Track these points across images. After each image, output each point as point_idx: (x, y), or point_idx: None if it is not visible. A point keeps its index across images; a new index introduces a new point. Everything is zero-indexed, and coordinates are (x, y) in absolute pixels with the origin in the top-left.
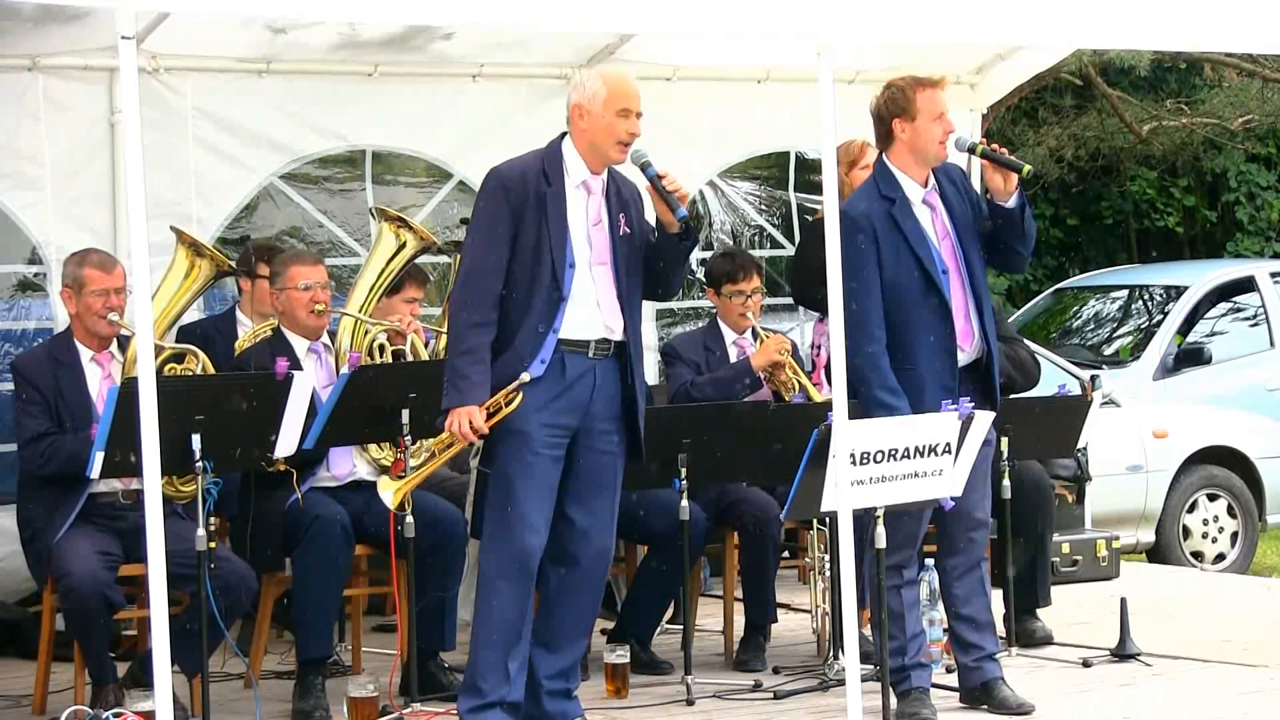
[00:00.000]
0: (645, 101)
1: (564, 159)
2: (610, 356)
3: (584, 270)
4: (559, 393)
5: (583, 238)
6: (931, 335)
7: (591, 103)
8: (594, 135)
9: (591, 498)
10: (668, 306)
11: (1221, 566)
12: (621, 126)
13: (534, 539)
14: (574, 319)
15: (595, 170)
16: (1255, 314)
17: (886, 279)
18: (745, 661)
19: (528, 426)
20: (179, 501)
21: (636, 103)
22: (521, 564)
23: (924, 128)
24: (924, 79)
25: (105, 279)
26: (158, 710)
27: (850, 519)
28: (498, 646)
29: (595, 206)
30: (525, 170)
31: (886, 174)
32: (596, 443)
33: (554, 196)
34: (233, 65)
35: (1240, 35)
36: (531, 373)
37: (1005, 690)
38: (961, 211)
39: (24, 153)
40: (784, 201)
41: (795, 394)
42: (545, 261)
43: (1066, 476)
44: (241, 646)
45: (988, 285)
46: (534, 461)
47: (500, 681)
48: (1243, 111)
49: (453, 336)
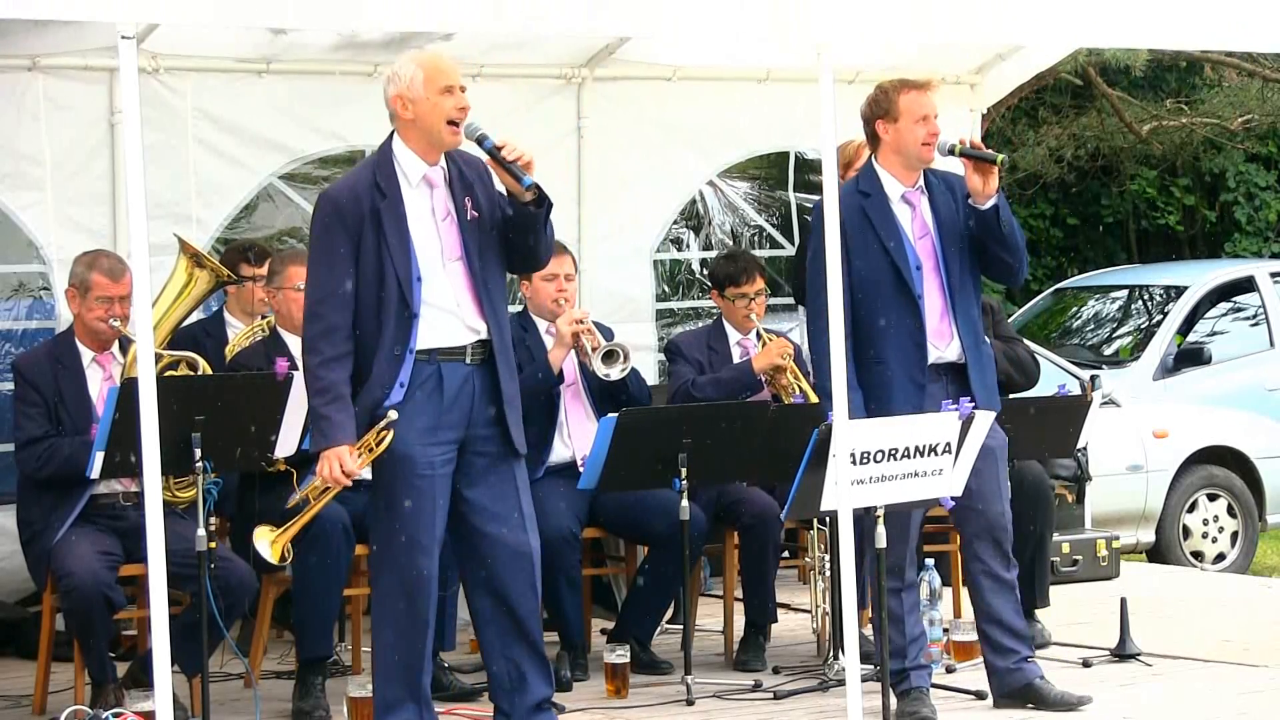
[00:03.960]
0: (645, 101)
1: (396, 160)
2: (489, 359)
3: (437, 274)
4: (440, 410)
5: (431, 238)
6: (901, 330)
7: (411, 89)
8: (423, 121)
9: (491, 503)
10: (668, 306)
11: (1221, 566)
12: (448, 104)
13: (425, 562)
14: (433, 329)
15: (432, 161)
16: (1255, 314)
17: (855, 272)
18: (745, 661)
19: (410, 450)
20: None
21: (457, 77)
22: (415, 589)
23: (905, 129)
24: (910, 81)
25: (111, 286)
26: (158, 710)
27: (850, 519)
28: (400, 677)
29: (441, 200)
30: (356, 186)
31: (869, 172)
32: (485, 447)
33: (389, 207)
34: (233, 65)
35: (1240, 35)
36: (391, 400)
37: (1050, 688)
38: (949, 215)
39: (24, 153)
40: (784, 202)
41: (795, 397)
42: (390, 280)
43: (1066, 476)
44: (241, 646)
45: (975, 290)
46: (420, 485)
47: (404, 703)
48: (1242, 111)
49: (306, 379)
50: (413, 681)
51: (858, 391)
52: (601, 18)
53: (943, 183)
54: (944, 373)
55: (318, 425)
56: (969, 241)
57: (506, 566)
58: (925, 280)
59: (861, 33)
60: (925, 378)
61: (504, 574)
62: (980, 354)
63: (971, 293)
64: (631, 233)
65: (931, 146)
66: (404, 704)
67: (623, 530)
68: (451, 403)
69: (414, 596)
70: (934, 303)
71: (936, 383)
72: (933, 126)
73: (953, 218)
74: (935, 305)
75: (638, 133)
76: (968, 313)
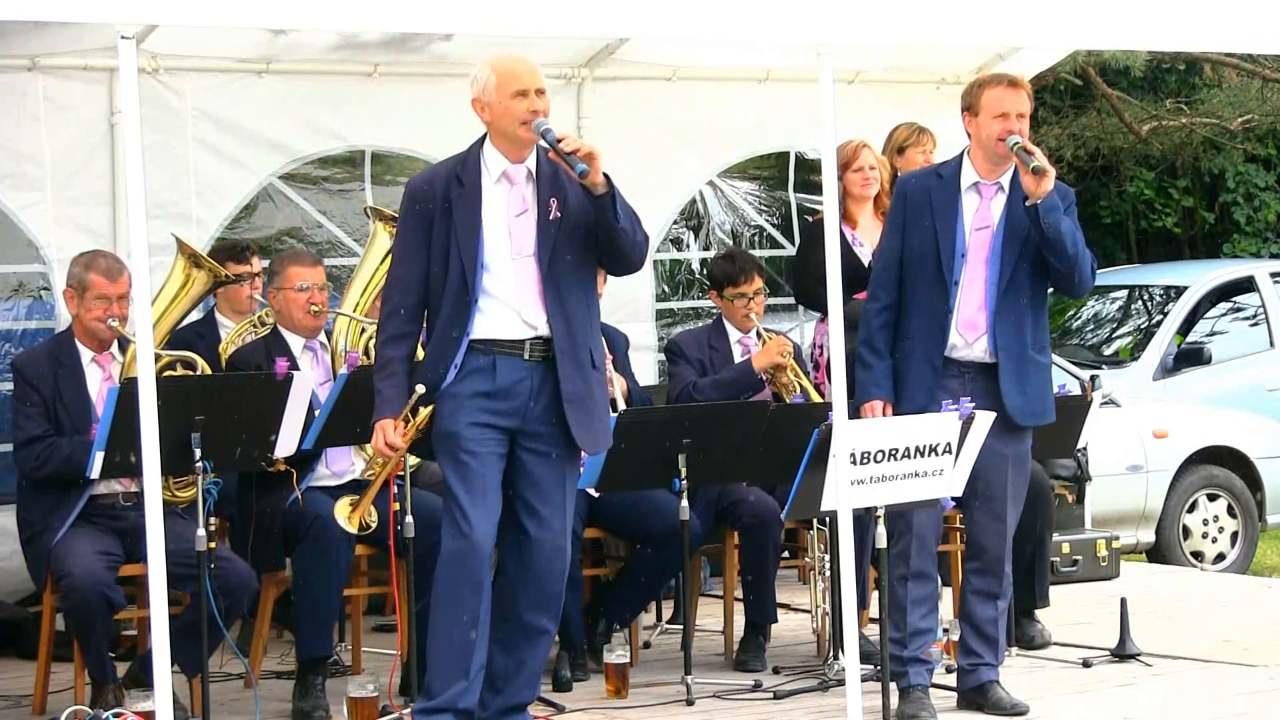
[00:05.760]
0: (645, 101)
1: (483, 156)
2: (549, 358)
3: (503, 266)
4: (487, 393)
5: (502, 233)
6: (929, 310)
7: (485, 93)
8: (498, 123)
9: (539, 504)
10: (668, 306)
11: (1221, 566)
12: (520, 107)
13: (476, 535)
14: (490, 319)
15: (515, 159)
16: (1255, 314)
17: (906, 248)
18: (745, 661)
19: (455, 427)
20: (177, 505)
21: (530, 80)
22: (464, 559)
23: (984, 124)
24: (998, 76)
25: (109, 286)
26: (158, 710)
27: (850, 519)
28: (451, 650)
29: (519, 196)
30: (434, 178)
31: (956, 159)
32: (533, 444)
33: (463, 197)
34: (232, 65)
35: (1240, 35)
36: (445, 381)
37: (1000, 692)
38: (1022, 217)
39: (24, 153)
40: (784, 202)
41: (796, 395)
42: (455, 265)
43: (1066, 476)
44: (241, 646)
45: (1032, 297)
46: (468, 460)
47: (451, 685)
48: (1242, 111)
49: (375, 356)
50: (464, 660)
51: (887, 360)
52: (601, 18)
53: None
54: (968, 371)
55: (376, 399)
56: (1035, 246)
57: (541, 567)
58: (969, 269)
59: (861, 33)
60: (940, 361)
61: (537, 573)
62: (1024, 361)
63: (1026, 295)
64: None
65: (1005, 142)
66: (452, 682)
67: (622, 531)
68: (504, 393)
69: (463, 569)
70: (973, 294)
71: (957, 379)
72: (1010, 124)
73: (1024, 220)
74: (974, 297)
75: (638, 133)
76: (1015, 314)
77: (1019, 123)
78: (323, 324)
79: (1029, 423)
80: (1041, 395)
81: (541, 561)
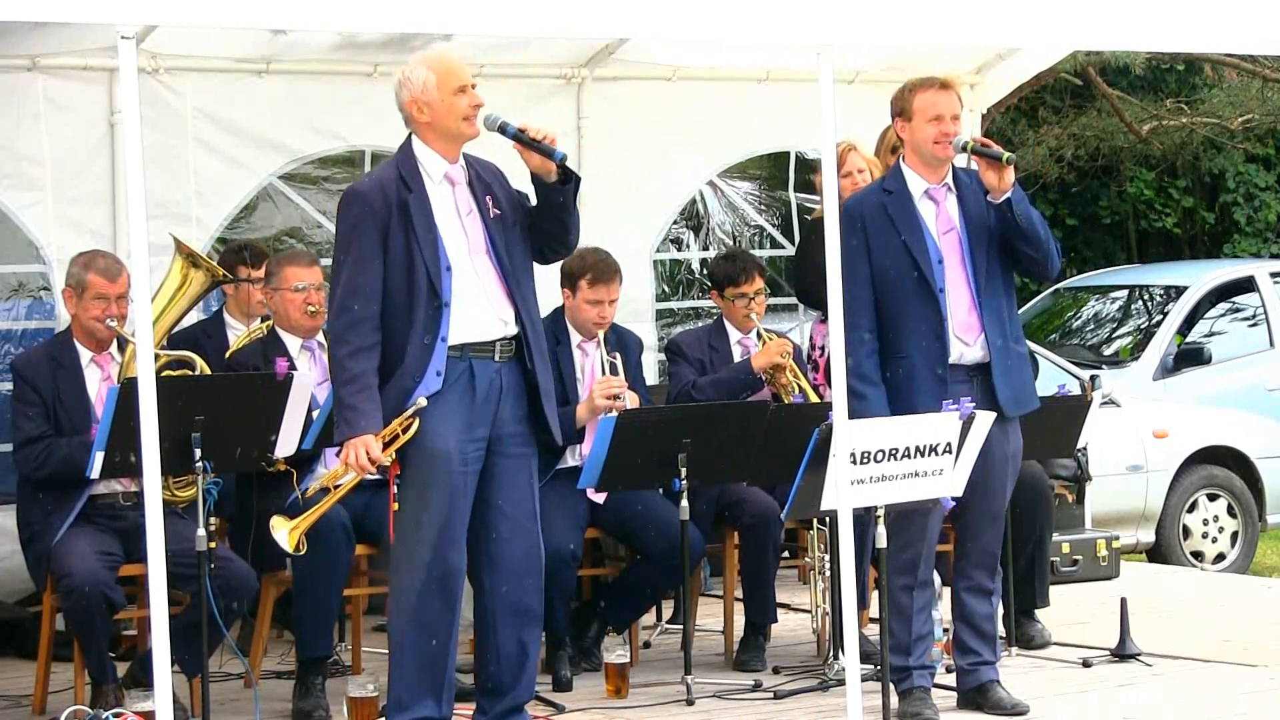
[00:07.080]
0: (645, 101)
1: (418, 160)
2: (515, 357)
3: (465, 267)
4: (471, 404)
5: (457, 233)
6: (923, 323)
7: (425, 93)
8: (440, 122)
9: (510, 507)
10: (668, 306)
11: (1221, 566)
12: (463, 103)
13: (456, 555)
14: (464, 321)
15: (452, 159)
16: (1255, 314)
17: (876, 268)
18: (745, 661)
19: (449, 445)
20: (177, 505)
21: (467, 75)
22: (444, 582)
23: (919, 128)
24: (927, 79)
25: (108, 286)
26: (158, 710)
27: (850, 519)
28: (422, 672)
29: (463, 197)
30: (382, 182)
31: (896, 170)
32: (509, 447)
33: (416, 200)
34: (232, 65)
35: (1240, 35)
36: (428, 387)
37: (1000, 692)
38: (978, 212)
39: (24, 153)
40: (784, 201)
41: (795, 396)
42: (420, 270)
43: (1066, 476)
44: (241, 646)
45: (1005, 288)
46: (455, 481)
47: (424, 698)
48: (1242, 111)
49: (333, 369)
50: (436, 677)
51: (880, 387)
52: (601, 18)
53: (974, 181)
54: (973, 374)
55: (343, 414)
56: (998, 239)
57: (517, 568)
58: (948, 274)
59: (861, 33)
60: (947, 371)
61: (515, 575)
62: (1008, 354)
63: (1000, 289)
64: (631, 233)
65: (944, 145)
66: (423, 700)
67: (621, 538)
68: (483, 401)
69: (445, 590)
70: (959, 297)
71: (965, 384)
72: (946, 126)
73: (981, 215)
74: (961, 299)
75: (638, 133)
76: (995, 309)
77: (953, 125)
78: (320, 324)
79: (1017, 413)
80: (1024, 384)
81: (517, 556)
